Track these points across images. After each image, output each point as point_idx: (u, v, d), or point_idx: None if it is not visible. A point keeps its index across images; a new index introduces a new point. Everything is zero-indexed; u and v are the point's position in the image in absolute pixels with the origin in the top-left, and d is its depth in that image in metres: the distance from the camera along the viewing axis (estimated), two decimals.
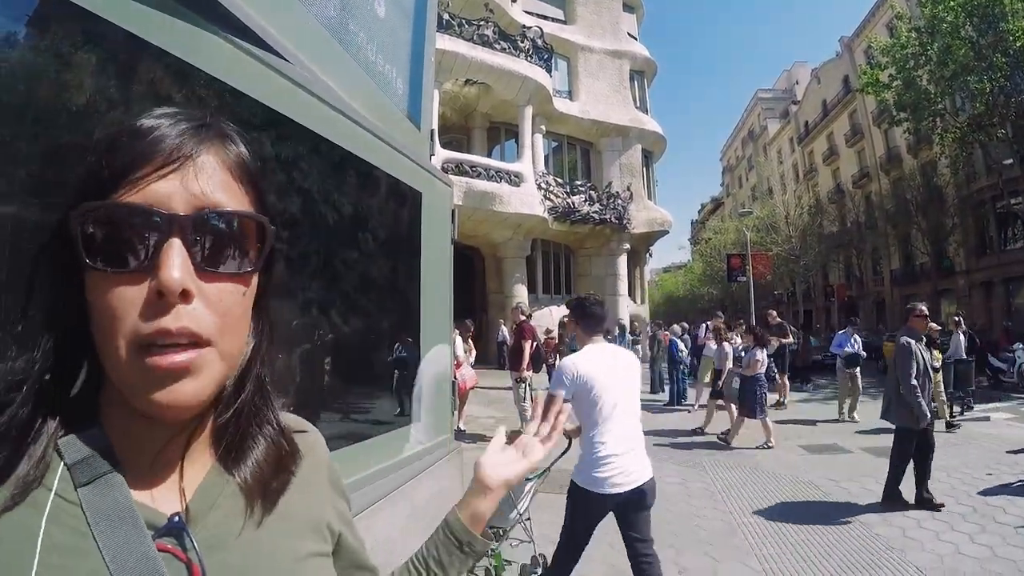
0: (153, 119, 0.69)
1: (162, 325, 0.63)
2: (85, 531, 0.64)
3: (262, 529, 0.77)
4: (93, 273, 0.65)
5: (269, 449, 0.82)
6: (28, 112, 1.14)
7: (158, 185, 0.66)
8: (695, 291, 65.06)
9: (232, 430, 0.78)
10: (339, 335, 2.23)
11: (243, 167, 0.75)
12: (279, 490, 0.81)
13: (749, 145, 76.79)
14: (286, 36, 1.96)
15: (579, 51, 29.42)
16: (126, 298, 0.64)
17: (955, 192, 33.17)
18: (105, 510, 0.66)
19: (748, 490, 7.79)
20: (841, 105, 49.25)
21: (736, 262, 29.86)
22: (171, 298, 0.63)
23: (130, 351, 0.64)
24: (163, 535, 0.68)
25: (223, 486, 0.77)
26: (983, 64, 22.37)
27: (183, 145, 0.68)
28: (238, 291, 0.72)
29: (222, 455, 0.78)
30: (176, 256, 0.64)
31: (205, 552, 0.69)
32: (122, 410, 0.69)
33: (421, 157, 2.97)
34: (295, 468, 0.86)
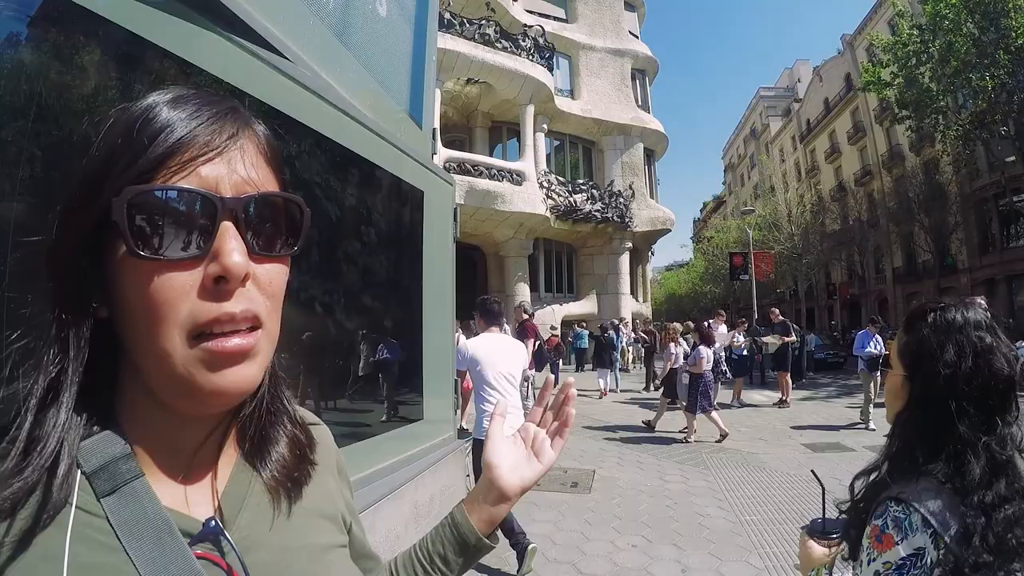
0: (184, 103, 0.66)
1: (226, 310, 0.62)
2: (116, 546, 0.60)
3: (291, 524, 0.76)
4: (136, 263, 0.61)
5: (290, 440, 0.81)
6: (30, 112, 1.14)
7: (205, 169, 0.64)
8: (697, 290, 64.98)
9: (255, 424, 0.77)
10: (342, 333, 2.24)
11: (273, 149, 0.74)
12: (303, 481, 0.80)
13: (751, 143, 76.65)
14: (289, 36, 1.97)
15: (581, 50, 29.40)
16: (179, 285, 0.61)
17: (957, 190, 33.07)
18: (135, 521, 0.62)
19: (751, 488, 7.79)
20: (843, 103, 49.13)
21: (738, 260, 29.78)
22: (233, 284, 0.63)
23: (185, 339, 0.61)
24: (199, 541, 0.66)
25: (249, 483, 0.75)
26: (985, 61, 22.31)
27: (225, 128, 0.67)
28: (283, 273, 0.72)
29: (247, 451, 0.77)
30: (234, 240, 0.63)
31: (242, 553, 0.67)
32: (148, 410, 0.67)
33: (423, 156, 2.97)
34: (314, 457, 0.85)
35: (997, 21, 21.49)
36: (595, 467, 8.82)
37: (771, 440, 10.75)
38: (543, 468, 1.03)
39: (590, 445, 10.51)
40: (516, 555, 5.05)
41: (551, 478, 8.13)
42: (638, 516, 6.67)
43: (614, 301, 28.61)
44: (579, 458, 9.45)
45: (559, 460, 3.45)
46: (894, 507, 1.38)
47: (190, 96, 0.68)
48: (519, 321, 11.94)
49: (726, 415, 13.58)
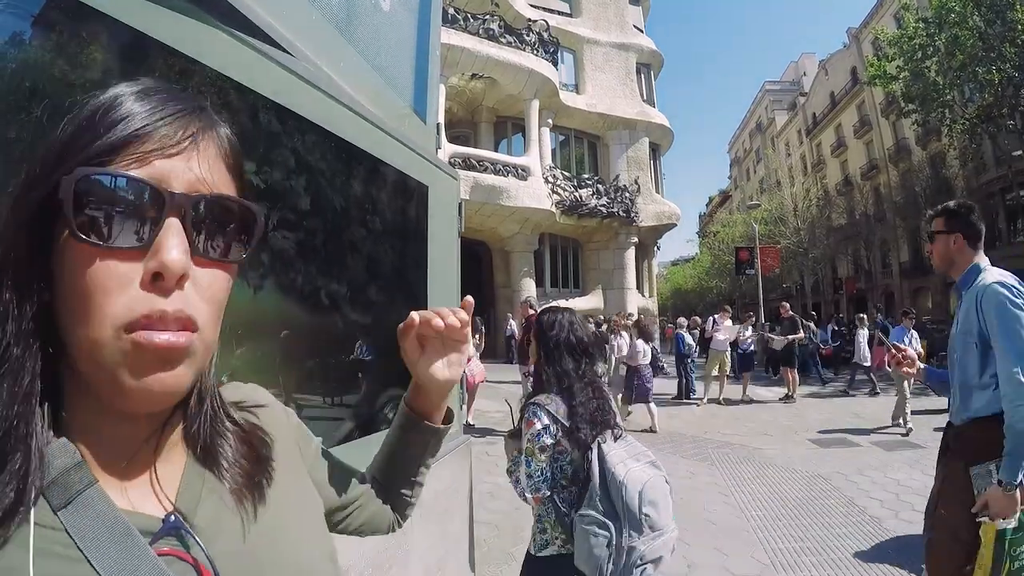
0: (150, 95, 0.66)
1: (157, 307, 0.60)
2: (78, 556, 0.59)
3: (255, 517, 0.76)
4: (77, 246, 0.60)
5: (239, 444, 0.80)
6: (32, 111, 1.13)
7: (160, 162, 0.63)
8: (703, 284, 64.90)
9: (205, 431, 0.76)
10: (347, 328, 2.23)
11: (234, 154, 0.74)
12: (264, 482, 0.80)
13: (757, 137, 76.51)
14: (292, 31, 1.96)
15: (585, 44, 29.42)
16: (116, 275, 0.60)
17: (964, 184, 32.97)
18: (92, 528, 0.61)
19: (757, 484, 7.79)
20: (849, 97, 49.01)
21: (744, 255, 29.72)
22: (169, 281, 0.61)
23: (115, 334, 0.59)
24: (160, 538, 0.65)
25: (202, 481, 0.74)
26: (992, 54, 22.18)
27: (189, 125, 0.66)
28: (226, 280, 0.70)
29: (200, 455, 0.75)
30: (176, 237, 0.62)
31: (205, 544, 0.67)
32: (88, 410, 0.66)
33: (428, 151, 2.96)
34: (272, 456, 0.84)
35: (1003, 14, 21.35)
36: None
37: (777, 435, 10.73)
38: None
39: None
40: None
41: None
42: None
43: (620, 296, 28.63)
44: None
45: None
46: (532, 407, 2.68)
47: (158, 89, 0.67)
48: (525, 317, 11.90)
49: (734, 410, 13.61)
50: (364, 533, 1.17)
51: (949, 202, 3.32)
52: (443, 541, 3.10)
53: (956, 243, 3.22)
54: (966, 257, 3.22)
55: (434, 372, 1.05)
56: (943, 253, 3.28)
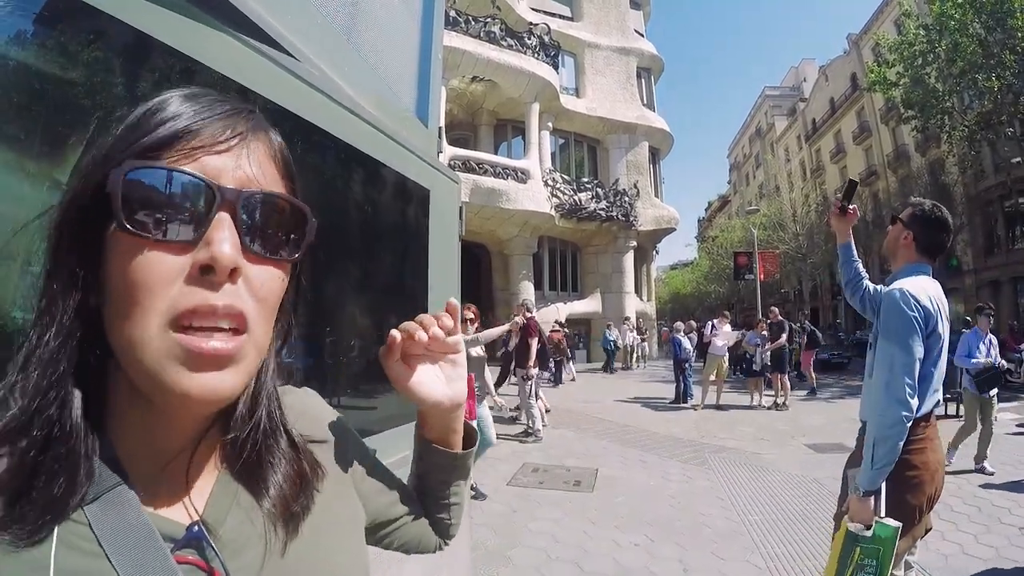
0: (202, 96, 0.67)
1: (208, 300, 0.60)
2: (98, 552, 0.59)
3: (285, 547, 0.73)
4: (125, 239, 0.60)
5: (289, 469, 0.77)
6: (34, 112, 1.15)
7: (211, 159, 0.64)
8: (701, 289, 64.96)
9: (250, 446, 0.73)
10: (348, 331, 2.25)
11: (284, 158, 0.74)
12: (301, 515, 0.76)
13: (756, 143, 76.61)
14: (296, 35, 1.98)
15: (586, 48, 29.46)
16: (164, 269, 0.59)
17: (963, 191, 33.01)
18: (117, 528, 0.61)
19: (753, 488, 7.79)
20: (849, 103, 49.10)
21: (743, 260, 29.76)
22: (220, 275, 0.60)
23: (162, 327, 0.59)
24: (182, 547, 0.65)
25: (234, 496, 0.72)
26: (991, 62, 22.21)
27: (238, 125, 0.67)
28: (277, 278, 0.69)
29: (238, 471, 0.74)
30: (227, 231, 0.62)
31: (227, 560, 0.66)
32: (133, 410, 0.65)
33: (429, 155, 2.98)
34: (319, 486, 0.81)
35: (1003, 22, 21.37)
36: (598, 466, 8.82)
37: (774, 441, 10.74)
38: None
39: (592, 444, 10.52)
40: None
41: (554, 477, 8.14)
42: (641, 515, 6.67)
43: (618, 300, 28.67)
44: (582, 457, 9.46)
45: (562, 459, 3.56)
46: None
47: (207, 93, 0.68)
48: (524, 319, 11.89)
49: (731, 415, 13.61)
50: (410, 550, 1.10)
51: (931, 206, 3.25)
52: None
53: (906, 239, 3.21)
54: (907, 256, 3.21)
55: (432, 394, 0.94)
56: (892, 241, 3.30)
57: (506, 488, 7.77)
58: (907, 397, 2.79)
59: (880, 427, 2.82)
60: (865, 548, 2.76)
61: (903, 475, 2.88)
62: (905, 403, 2.78)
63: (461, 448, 1.07)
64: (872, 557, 2.74)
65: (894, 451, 2.78)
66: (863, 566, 2.76)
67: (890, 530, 2.73)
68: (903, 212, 3.29)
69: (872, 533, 2.75)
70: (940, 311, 2.95)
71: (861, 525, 2.80)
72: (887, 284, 3.18)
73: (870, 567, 2.74)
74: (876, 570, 2.73)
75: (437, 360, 0.96)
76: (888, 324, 2.96)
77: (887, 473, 2.81)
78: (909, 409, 2.78)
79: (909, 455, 2.89)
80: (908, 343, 2.87)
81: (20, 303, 1.08)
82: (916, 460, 2.91)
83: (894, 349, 2.89)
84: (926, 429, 2.97)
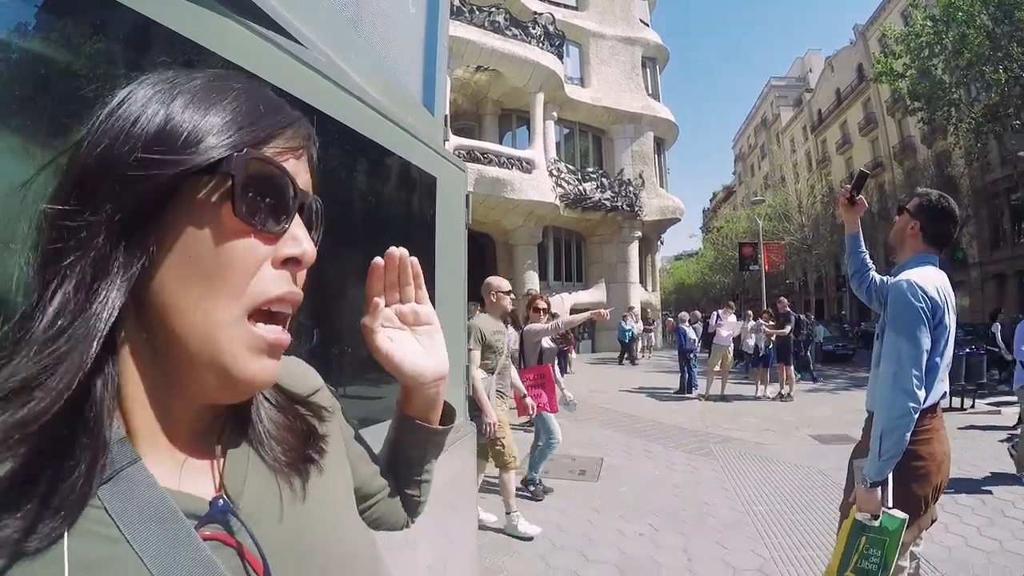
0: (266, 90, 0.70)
1: (293, 289, 0.65)
2: (117, 536, 0.55)
3: (303, 498, 0.75)
4: (225, 222, 0.60)
5: (283, 421, 0.78)
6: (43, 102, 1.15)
7: (291, 161, 0.68)
8: (706, 280, 64.86)
9: (252, 409, 0.75)
10: (356, 320, 2.25)
11: (314, 160, 0.77)
12: (310, 458, 0.78)
13: (762, 133, 76.39)
14: (303, 22, 1.97)
15: (591, 37, 29.36)
16: (258, 255, 0.62)
17: (969, 183, 32.86)
18: (134, 508, 0.57)
19: (758, 479, 7.80)
20: (855, 94, 48.92)
21: (748, 251, 29.71)
22: (304, 267, 0.66)
23: (242, 313, 0.61)
24: (206, 523, 0.62)
25: (246, 460, 0.71)
26: (999, 54, 22.08)
27: (306, 132, 0.71)
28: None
29: (241, 433, 0.73)
30: (303, 229, 0.67)
31: (252, 526, 0.65)
32: (147, 384, 0.62)
33: (436, 143, 2.97)
34: (319, 431, 0.82)
35: (1011, 13, 21.23)
36: (603, 455, 8.84)
37: (779, 431, 10.74)
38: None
39: (597, 433, 10.55)
40: None
41: (560, 466, 8.15)
42: (645, 505, 6.68)
43: (623, 290, 28.66)
44: (586, 446, 9.47)
45: (567, 448, 3.56)
46: None
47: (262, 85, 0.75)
48: None
49: (736, 405, 13.61)
50: (380, 527, 1.07)
51: (938, 196, 3.24)
52: (449, 529, 3.12)
53: (912, 229, 3.19)
54: (914, 246, 3.20)
55: (415, 365, 0.92)
56: (899, 231, 3.28)
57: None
58: (914, 388, 2.79)
59: (887, 418, 2.82)
60: (871, 538, 2.77)
61: (909, 466, 2.88)
62: (912, 394, 2.78)
63: (439, 424, 1.06)
64: (877, 547, 2.75)
65: (901, 442, 2.78)
66: (867, 556, 2.76)
67: (897, 522, 2.73)
68: (910, 202, 3.27)
69: (879, 524, 2.76)
70: (947, 302, 2.94)
71: (868, 514, 2.81)
72: (893, 275, 3.18)
73: (875, 557, 2.75)
74: (880, 560, 2.74)
75: (416, 332, 0.95)
76: (895, 315, 2.96)
77: (894, 464, 2.81)
78: (916, 400, 2.78)
79: (915, 446, 2.88)
80: (915, 334, 2.86)
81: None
82: (923, 451, 2.91)
83: (901, 341, 2.89)
84: (932, 420, 2.97)
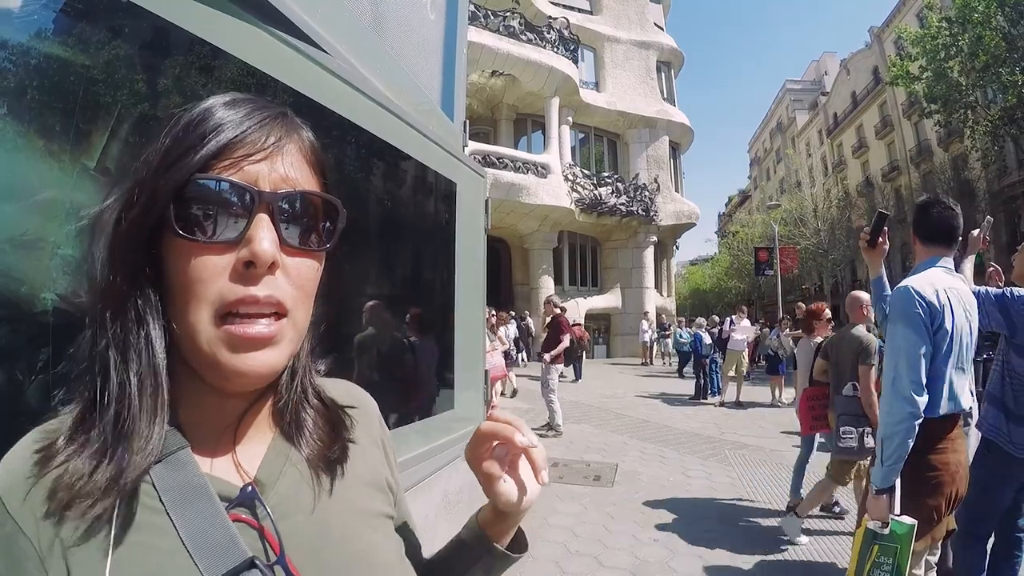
0: (238, 106, 0.73)
1: (250, 292, 0.67)
2: (159, 508, 0.66)
3: (330, 493, 0.80)
4: (179, 243, 0.68)
5: (324, 422, 0.85)
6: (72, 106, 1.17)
7: (251, 166, 0.70)
8: (722, 285, 64.51)
9: (291, 408, 0.81)
10: (378, 322, 2.27)
11: (315, 153, 0.80)
12: (340, 458, 0.84)
13: (777, 137, 76.00)
14: (327, 30, 2.00)
15: (605, 42, 29.36)
16: (213, 267, 0.67)
17: (986, 186, 32.59)
18: (177, 486, 0.68)
19: (774, 485, 7.77)
20: (871, 97, 48.60)
21: (763, 255, 29.52)
22: (260, 269, 0.68)
23: (212, 319, 0.67)
24: (236, 506, 0.71)
25: (286, 456, 0.80)
26: (1015, 55, 21.95)
27: (272, 132, 0.73)
28: (313, 267, 0.76)
29: (283, 430, 0.82)
30: (266, 229, 0.69)
31: (278, 519, 0.72)
32: (193, 386, 0.73)
33: (455, 148, 2.99)
34: (350, 436, 0.88)
35: None
36: (618, 461, 8.83)
37: (796, 438, 10.66)
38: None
39: (613, 439, 10.52)
40: None
41: (574, 471, 8.15)
42: (660, 511, 6.67)
43: (638, 295, 28.60)
44: (602, 452, 9.46)
45: (582, 454, 3.58)
46: None
47: (244, 100, 0.75)
48: (551, 316, 11.79)
49: (751, 412, 13.55)
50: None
51: (921, 198, 3.30)
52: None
53: (914, 241, 3.25)
54: (920, 254, 3.22)
55: (514, 495, 0.87)
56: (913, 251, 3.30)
57: None
58: (912, 394, 2.79)
59: (886, 424, 2.84)
60: (883, 546, 2.77)
61: (923, 475, 2.88)
62: (910, 400, 2.79)
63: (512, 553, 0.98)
64: (889, 555, 2.75)
65: (903, 447, 2.79)
66: (879, 564, 2.76)
67: (906, 527, 2.73)
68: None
69: (889, 531, 2.76)
70: (951, 306, 2.93)
71: (879, 522, 2.81)
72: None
73: (887, 565, 2.75)
74: (893, 568, 2.73)
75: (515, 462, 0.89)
76: (892, 322, 2.99)
77: (899, 470, 2.81)
78: (914, 406, 2.78)
79: (929, 455, 2.88)
80: (912, 340, 2.87)
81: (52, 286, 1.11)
82: (936, 460, 2.90)
83: (899, 346, 2.90)
84: (949, 430, 2.96)
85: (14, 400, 1.09)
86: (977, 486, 3.18)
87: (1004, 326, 3.56)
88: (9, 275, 1.11)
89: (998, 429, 3.57)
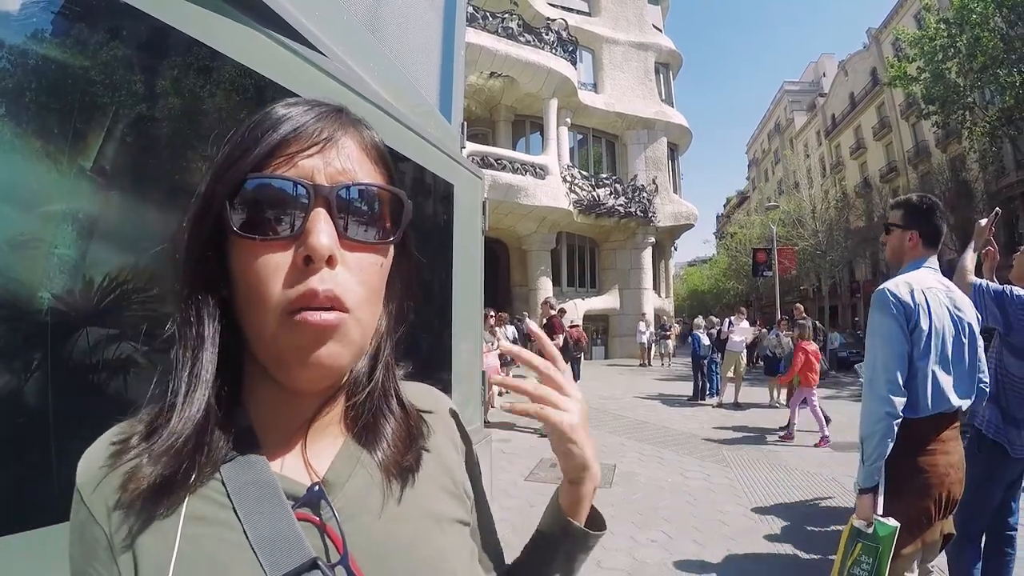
0: (294, 106, 0.74)
1: (310, 287, 0.66)
2: (226, 503, 0.68)
3: (400, 498, 0.79)
4: (241, 242, 0.69)
5: (400, 428, 0.84)
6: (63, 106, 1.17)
7: (304, 161, 0.71)
8: (720, 286, 64.53)
9: (366, 410, 0.81)
10: None
11: (377, 148, 0.80)
12: (414, 464, 0.82)
13: (775, 138, 76.11)
14: (323, 31, 2.00)
15: (604, 43, 29.41)
16: (274, 265, 0.68)
17: (984, 187, 32.62)
18: (245, 484, 0.70)
19: (771, 486, 7.79)
20: (869, 98, 48.70)
21: (762, 256, 29.54)
22: (318, 263, 0.67)
23: (278, 316, 0.67)
24: (302, 505, 0.72)
25: (357, 459, 0.79)
26: (1013, 56, 21.98)
27: (325, 127, 0.73)
28: (376, 261, 0.75)
29: (357, 433, 0.81)
30: (323, 223, 0.68)
31: (344, 520, 0.72)
32: (265, 386, 0.74)
33: (453, 150, 2.99)
34: (426, 443, 0.86)
35: None
36: (616, 462, 8.86)
37: (794, 439, 10.69)
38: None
39: (611, 440, 10.54)
40: None
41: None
42: (659, 512, 6.69)
43: (636, 296, 28.62)
44: (599, 453, 9.41)
45: None
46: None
47: (301, 101, 0.76)
48: (546, 317, 11.81)
49: (749, 413, 13.56)
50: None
51: (919, 198, 3.19)
52: None
53: (911, 240, 3.13)
54: (916, 255, 3.14)
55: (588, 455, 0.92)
56: (896, 248, 3.21)
57: (524, 483, 7.81)
58: (888, 394, 2.80)
59: (865, 424, 2.86)
60: (865, 545, 2.78)
61: (909, 477, 2.87)
62: (886, 399, 2.79)
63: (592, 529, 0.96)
64: (870, 555, 2.75)
65: (881, 446, 2.79)
66: (860, 562, 2.77)
67: (888, 529, 2.73)
68: (893, 216, 3.23)
69: (872, 530, 2.77)
70: (927, 304, 2.91)
71: (864, 521, 2.82)
72: None
73: (867, 564, 2.75)
74: (872, 568, 2.74)
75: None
76: (869, 322, 3.01)
77: (880, 469, 2.82)
78: (891, 405, 2.78)
79: (918, 457, 2.87)
80: (887, 340, 2.89)
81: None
82: (924, 462, 2.88)
83: (875, 347, 2.93)
84: (939, 431, 2.93)
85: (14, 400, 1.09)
86: (971, 484, 3.16)
87: (1000, 322, 3.57)
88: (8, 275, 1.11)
89: (996, 427, 3.58)
